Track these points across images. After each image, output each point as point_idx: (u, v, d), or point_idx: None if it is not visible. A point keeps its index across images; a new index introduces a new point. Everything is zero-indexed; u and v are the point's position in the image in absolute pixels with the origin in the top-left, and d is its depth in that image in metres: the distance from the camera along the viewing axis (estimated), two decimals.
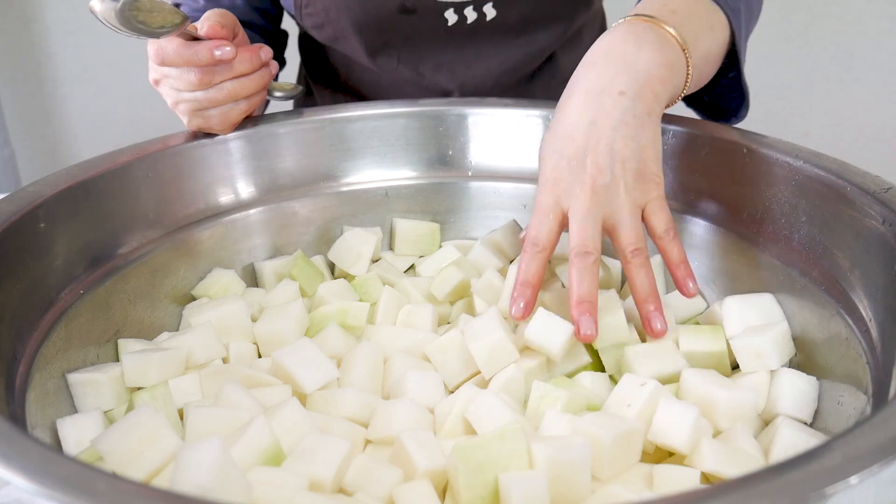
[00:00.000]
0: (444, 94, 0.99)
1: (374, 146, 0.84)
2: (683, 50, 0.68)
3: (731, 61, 0.78)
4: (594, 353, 0.67)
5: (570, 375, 0.66)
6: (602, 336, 0.67)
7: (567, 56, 1.05)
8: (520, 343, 0.70)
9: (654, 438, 0.57)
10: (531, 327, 0.64)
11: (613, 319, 0.67)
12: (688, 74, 0.69)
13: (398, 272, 0.81)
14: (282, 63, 1.05)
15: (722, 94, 0.81)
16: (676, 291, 0.75)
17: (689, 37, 0.68)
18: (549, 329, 0.63)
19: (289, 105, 1.01)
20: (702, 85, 0.75)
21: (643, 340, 0.69)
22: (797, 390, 0.62)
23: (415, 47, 0.95)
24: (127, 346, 0.68)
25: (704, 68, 0.72)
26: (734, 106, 0.81)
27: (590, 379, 0.65)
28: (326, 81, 1.08)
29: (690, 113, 0.95)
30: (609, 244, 0.81)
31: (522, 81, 1.02)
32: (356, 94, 1.05)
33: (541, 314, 0.64)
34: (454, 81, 0.98)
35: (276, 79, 0.87)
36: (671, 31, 0.68)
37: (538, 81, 1.03)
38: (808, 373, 0.64)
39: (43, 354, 0.60)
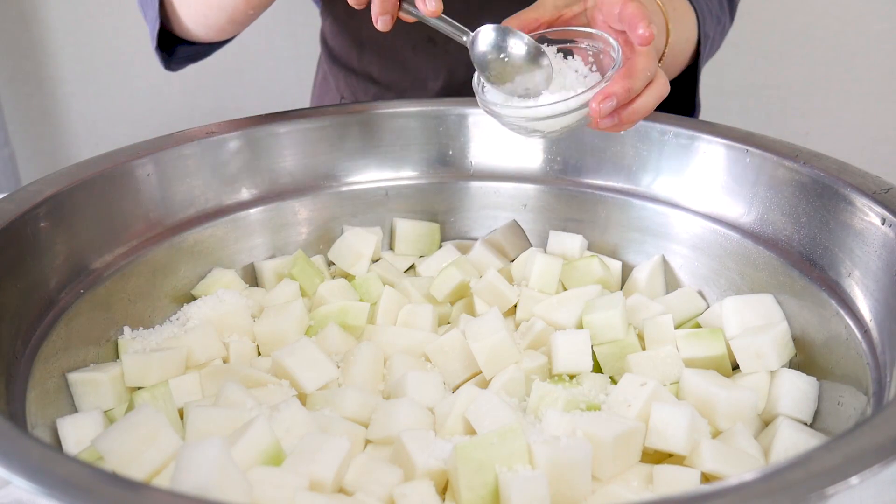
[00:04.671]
0: (453, 68, 0.99)
1: (374, 146, 0.84)
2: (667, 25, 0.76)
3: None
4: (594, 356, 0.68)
5: (571, 376, 0.66)
6: (598, 332, 0.68)
7: None
8: (522, 343, 0.70)
9: (651, 444, 0.57)
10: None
11: (610, 317, 0.68)
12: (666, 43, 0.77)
13: (398, 272, 0.81)
14: None
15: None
16: (676, 291, 0.76)
17: (673, 30, 0.77)
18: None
19: (289, 104, 1.01)
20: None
21: (643, 346, 0.69)
22: (797, 391, 0.62)
23: None
24: (127, 345, 0.68)
25: (675, 61, 0.84)
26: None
27: (590, 379, 0.65)
28: (341, 64, 1.09)
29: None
30: (610, 243, 0.81)
31: None
32: (367, 76, 1.05)
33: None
34: (463, 52, 0.98)
35: None
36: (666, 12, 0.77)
37: None
38: (808, 373, 0.64)
39: (43, 354, 0.60)
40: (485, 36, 0.67)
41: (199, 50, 0.96)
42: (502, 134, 0.83)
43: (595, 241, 0.81)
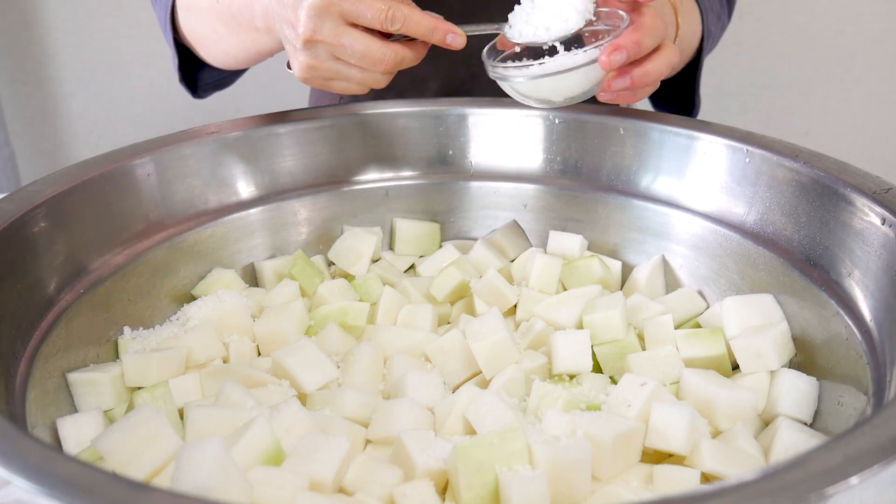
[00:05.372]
0: (452, 69, 1.00)
1: (374, 146, 0.84)
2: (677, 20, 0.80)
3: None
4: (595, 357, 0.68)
5: (571, 376, 0.66)
6: (598, 332, 0.68)
7: None
8: (522, 343, 0.70)
9: (651, 444, 0.57)
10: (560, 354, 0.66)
11: (611, 317, 0.68)
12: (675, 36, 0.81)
13: (398, 272, 0.81)
14: None
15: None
16: (677, 291, 0.76)
17: (682, 23, 0.81)
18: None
19: (289, 104, 1.01)
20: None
21: (643, 346, 0.69)
22: (797, 391, 0.62)
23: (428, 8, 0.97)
24: (127, 345, 0.68)
25: (682, 55, 0.86)
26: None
27: (590, 379, 0.65)
28: None
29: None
30: (610, 243, 0.81)
31: None
32: None
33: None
34: (462, 53, 0.99)
35: None
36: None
37: None
38: (808, 373, 0.64)
39: (43, 354, 0.60)
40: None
41: (223, 76, 0.97)
42: (502, 134, 0.84)
43: (595, 241, 0.81)
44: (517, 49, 0.73)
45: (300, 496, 0.49)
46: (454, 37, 0.71)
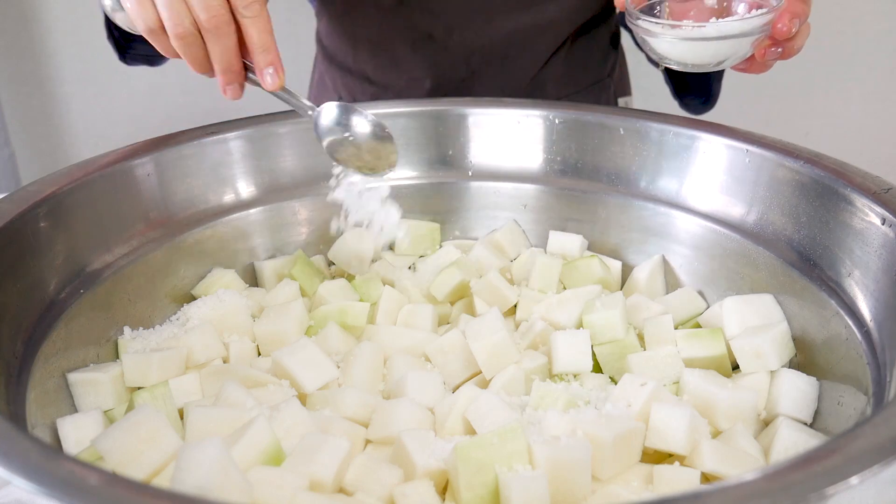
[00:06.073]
0: (450, 66, 1.00)
1: None
2: None
3: None
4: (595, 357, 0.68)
5: (574, 376, 0.66)
6: (598, 332, 0.68)
7: (576, 53, 1.05)
8: (522, 344, 0.70)
9: (651, 444, 0.57)
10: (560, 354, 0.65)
11: (610, 317, 0.68)
12: None
13: (398, 272, 0.81)
14: None
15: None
16: (677, 291, 0.76)
17: None
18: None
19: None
20: None
21: (643, 346, 0.69)
22: (797, 391, 0.62)
23: (427, 6, 0.96)
24: (127, 345, 0.68)
25: None
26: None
27: (590, 379, 0.65)
28: (338, 64, 1.09)
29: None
30: (610, 243, 0.81)
31: (530, 68, 1.03)
32: (362, 75, 1.06)
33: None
34: (463, 50, 0.98)
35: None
36: None
37: (548, 74, 1.04)
38: (808, 373, 0.64)
39: (43, 354, 0.60)
40: (328, 112, 0.68)
41: (154, 52, 0.94)
42: (502, 134, 0.84)
43: (595, 241, 0.81)
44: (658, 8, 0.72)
45: (300, 496, 0.49)
46: (273, 75, 0.65)
